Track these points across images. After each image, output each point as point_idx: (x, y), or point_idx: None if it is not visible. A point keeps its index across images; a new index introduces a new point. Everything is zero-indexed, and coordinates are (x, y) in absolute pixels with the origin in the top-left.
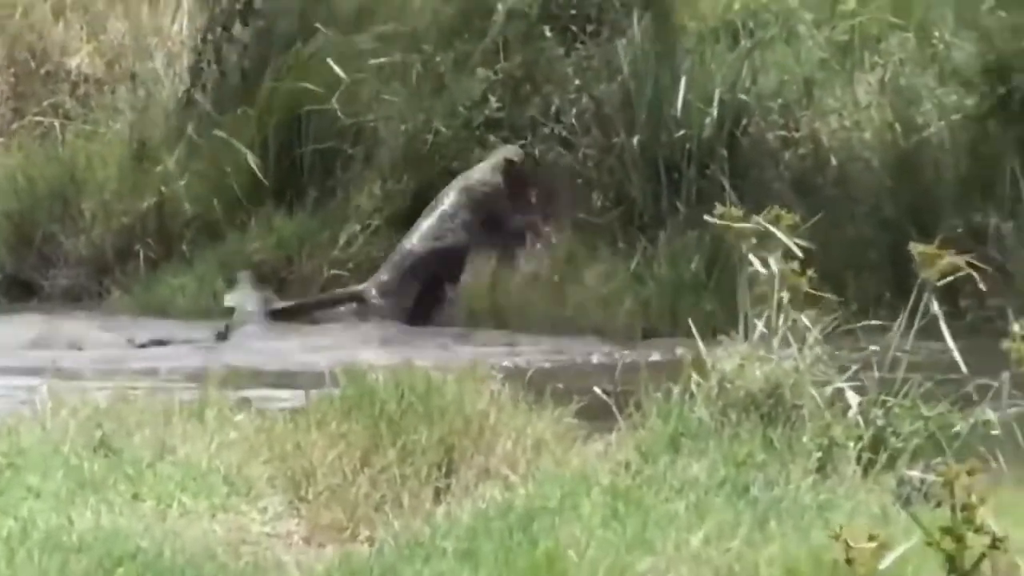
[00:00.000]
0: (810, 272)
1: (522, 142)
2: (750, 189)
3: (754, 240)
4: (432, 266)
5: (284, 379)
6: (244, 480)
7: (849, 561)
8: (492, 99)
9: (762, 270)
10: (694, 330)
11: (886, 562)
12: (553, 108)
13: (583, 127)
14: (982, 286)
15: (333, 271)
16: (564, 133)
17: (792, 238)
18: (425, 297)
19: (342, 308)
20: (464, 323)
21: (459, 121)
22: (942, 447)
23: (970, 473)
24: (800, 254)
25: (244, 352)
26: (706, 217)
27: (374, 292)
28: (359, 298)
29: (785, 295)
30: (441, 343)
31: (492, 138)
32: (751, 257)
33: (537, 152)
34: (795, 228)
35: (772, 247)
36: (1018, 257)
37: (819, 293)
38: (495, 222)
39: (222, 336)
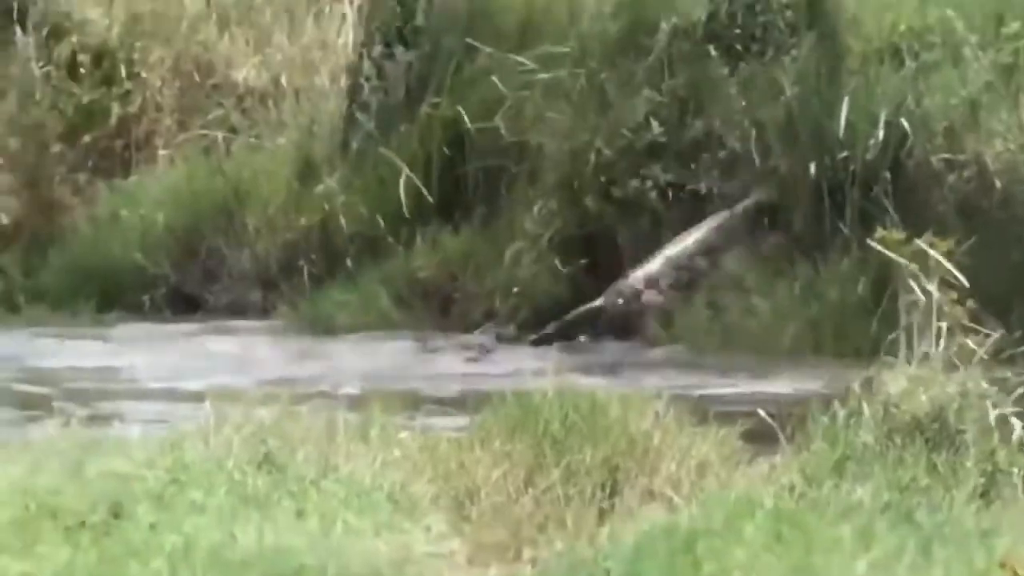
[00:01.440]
0: (969, 302)
1: (686, 172)
2: (913, 212)
3: (915, 265)
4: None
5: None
6: (408, 499)
7: None
8: (655, 123)
9: (920, 297)
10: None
11: None
12: (717, 132)
13: (746, 151)
14: None
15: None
16: (727, 156)
17: (951, 264)
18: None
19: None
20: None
21: (623, 143)
22: None
23: None
24: (962, 281)
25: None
26: (868, 240)
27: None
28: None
29: (944, 323)
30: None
31: (653, 164)
32: (912, 284)
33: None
34: (952, 253)
35: (935, 271)
36: None
37: (975, 325)
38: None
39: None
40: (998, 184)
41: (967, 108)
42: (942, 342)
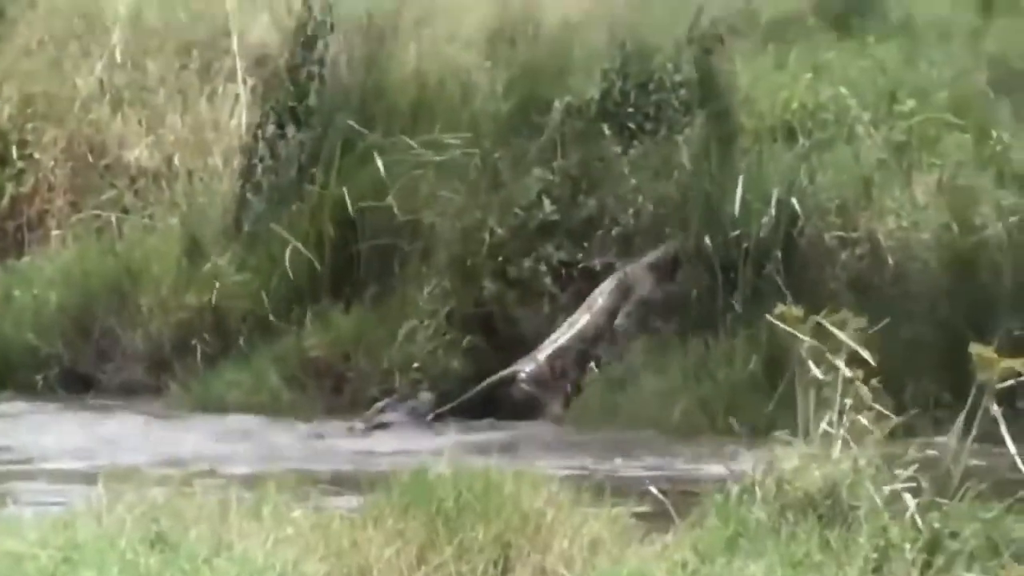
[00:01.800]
0: (874, 381)
1: (579, 251)
2: (806, 289)
3: (816, 342)
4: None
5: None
6: None
7: None
8: (547, 202)
9: (820, 376)
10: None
11: None
12: (609, 211)
13: (638, 228)
14: None
15: (391, 368)
16: (620, 233)
17: (852, 341)
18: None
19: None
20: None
21: (515, 221)
22: (999, 550)
23: None
24: (871, 361)
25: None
26: (767, 316)
27: (524, 378)
28: (510, 382)
29: (848, 400)
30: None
31: (546, 243)
32: (810, 363)
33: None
34: (863, 331)
35: (830, 348)
36: None
37: (877, 406)
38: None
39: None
40: (891, 261)
41: (860, 185)
42: (844, 419)
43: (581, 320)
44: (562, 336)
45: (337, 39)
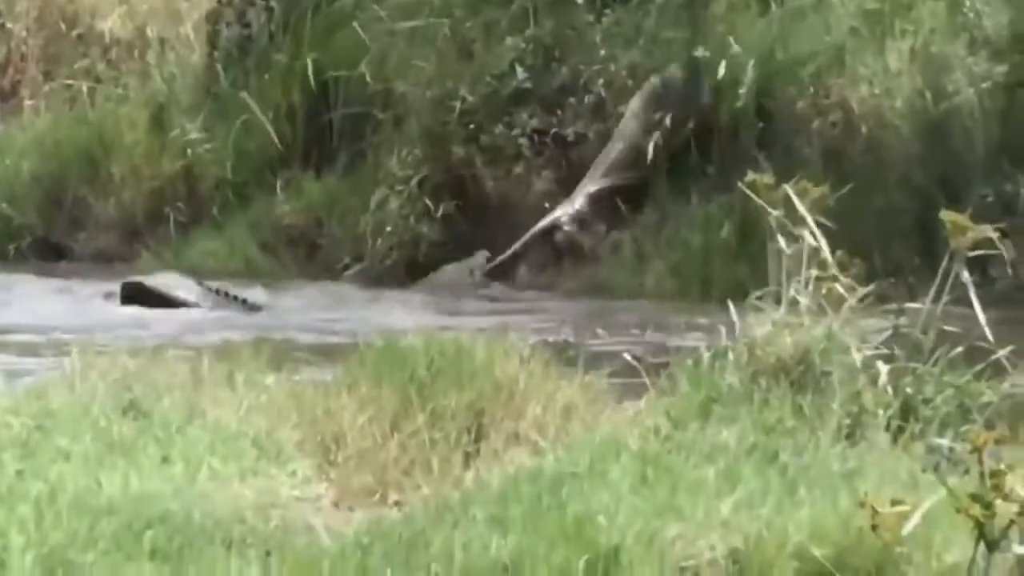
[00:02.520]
0: (839, 251)
1: (552, 117)
2: (780, 155)
3: (784, 210)
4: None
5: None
6: (273, 444)
7: (875, 527)
8: (519, 70)
9: (783, 247)
10: (724, 297)
11: (909, 526)
12: (582, 80)
13: (612, 97)
14: (1012, 255)
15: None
16: (593, 102)
17: (820, 211)
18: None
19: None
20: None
21: (488, 90)
22: (971, 415)
23: (998, 441)
24: (825, 231)
25: None
26: (738, 183)
27: (567, 223)
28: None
29: (814, 270)
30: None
31: (519, 110)
32: (777, 233)
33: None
34: (824, 198)
35: (799, 216)
36: None
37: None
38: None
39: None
40: (864, 128)
41: (833, 53)
42: (810, 287)
43: (614, 150)
44: (597, 173)
45: None
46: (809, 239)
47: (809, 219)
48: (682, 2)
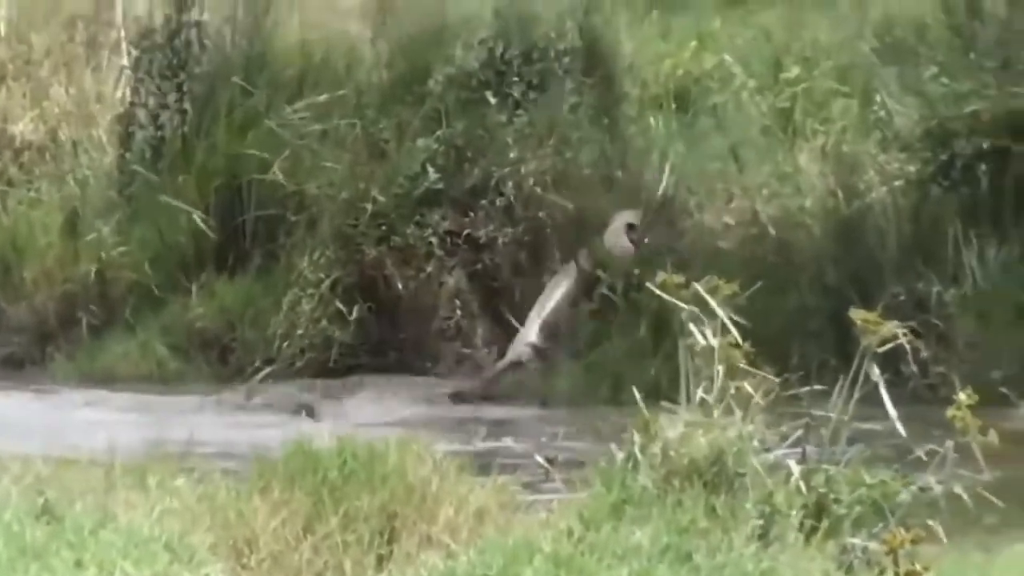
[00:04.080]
0: (746, 345)
1: (464, 218)
2: (693, 256)
3: (695, 308)
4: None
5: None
6: (186, 548)
7: None
8: (431, 171)
9: (701, 341)
10: (638, 397)
11: None
12: (494, 180)
13: (523, 198)
14: (924, 353)
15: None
16: (504, 204)
17: (731, 308)
18: None
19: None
20: None
21: (400, 191)
22: (884, 515)
23: (913, 541)
24: (733, 327)
25: None
26: (648, 284)
27: (530, 359)
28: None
29: (722, 367)
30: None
31: (431, 212)
32: (690, 327)
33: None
34: (733, 297)
35: (712, 315)
36: (960, 324)
37: (753, 368)
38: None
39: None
40: (772, 231)
41: (745, 153)
42: (718, 386)
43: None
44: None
45: (220, 6)
46: (709, 337)
47: (721, 313)
48: (595, 104)
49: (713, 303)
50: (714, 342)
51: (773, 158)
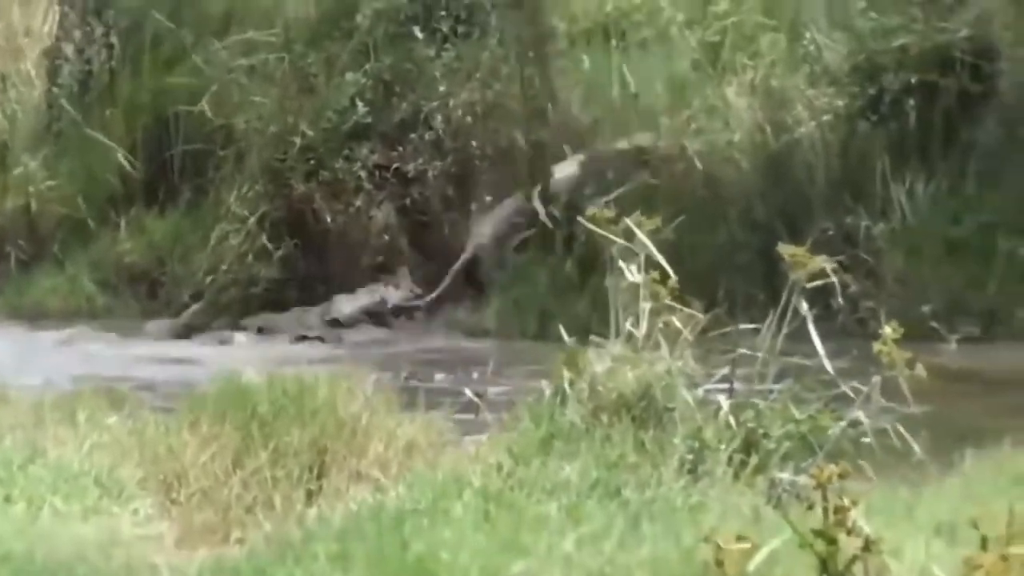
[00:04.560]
0: (672, 280)
1: (393, 152)
2: (623, 191)
3: (623, 242)
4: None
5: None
6: (115, 482)
7: (719, 562)
8: (360, 105)
9: (629, 277)
10: (563, 333)
11: (755, 562)
12: (423, 114)
13: (451, 131)
14: (853, 288)
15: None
16: (432, 138)
17: (658, 242)
18: None
19: None
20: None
21: (328, 125)
22: (813, 449)
23: (841, 475)
24: (661, 261)
25: None
26: (578, 219)
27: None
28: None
29: (649, 302)
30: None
31: (360, 146)
32: (620, 264)
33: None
34: (657, 231)
35: (641, 250)
36: (889, 259)
37: (679, 304)
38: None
39: None
40: (699, 166)
41: (673, 88)
42: (645, 321)
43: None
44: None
45: None
46: (632, 272)
47: (650, 247)
48: (522, 37)
49: (642, 236)
50: (638, 278)
51: (701, 92)
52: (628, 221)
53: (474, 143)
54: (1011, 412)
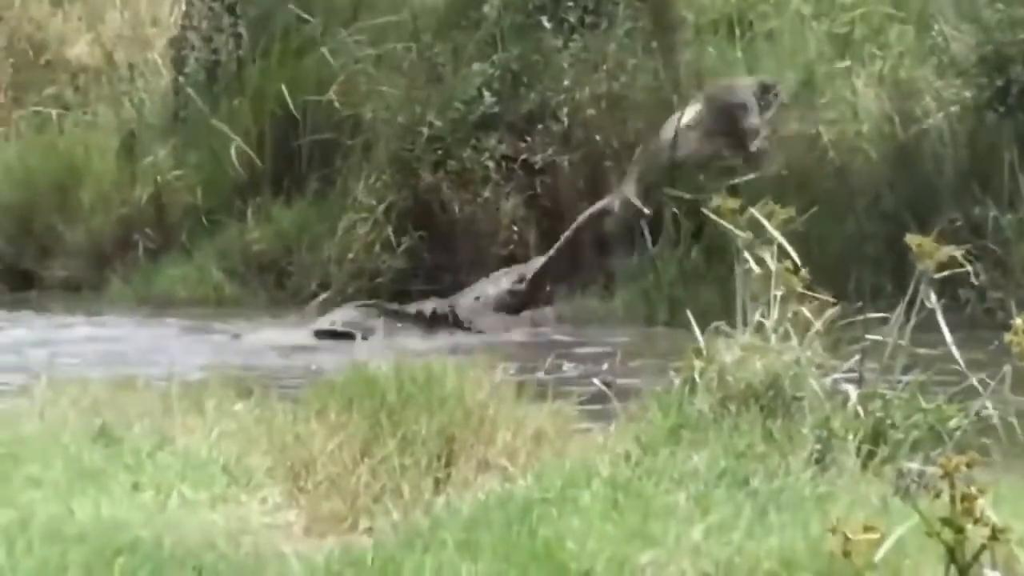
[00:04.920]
0: (803, 271)
1: (521, 143)
2: (750, 180)
3: (750, 233)
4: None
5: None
6: (244, 470)
7: (847, 552)
8: (487, 95)
9: (756, 268)
10: (692, 321)
11: (881, 552)
12: (550, 106)
13: (579, 123)
14: (980, 278)
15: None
16: (560, 130)
17: (787, 233)
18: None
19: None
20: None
21: (456, 115)
22: (942, 439)
23: (969, 465)
24: (792, 253)
25: None
26: (703, 209)
27: (617, 205)
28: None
29: (779, 292)
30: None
31: (487, 136)
32: (746, 255)
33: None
34: (790, 222)
35: (769, 239)
36: (1017, 249)
37: (811, 292)
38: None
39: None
40: (832, 153)
41: (802, 78)
42: (775, 311)
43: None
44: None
45: None
46: (770, 261)
47: (780, 237)
48: (649, 28)
49: (770, 228)
50: (773, 265)
51: (831, 83)
52: (754, 211)
53: (598, 136)
54: None
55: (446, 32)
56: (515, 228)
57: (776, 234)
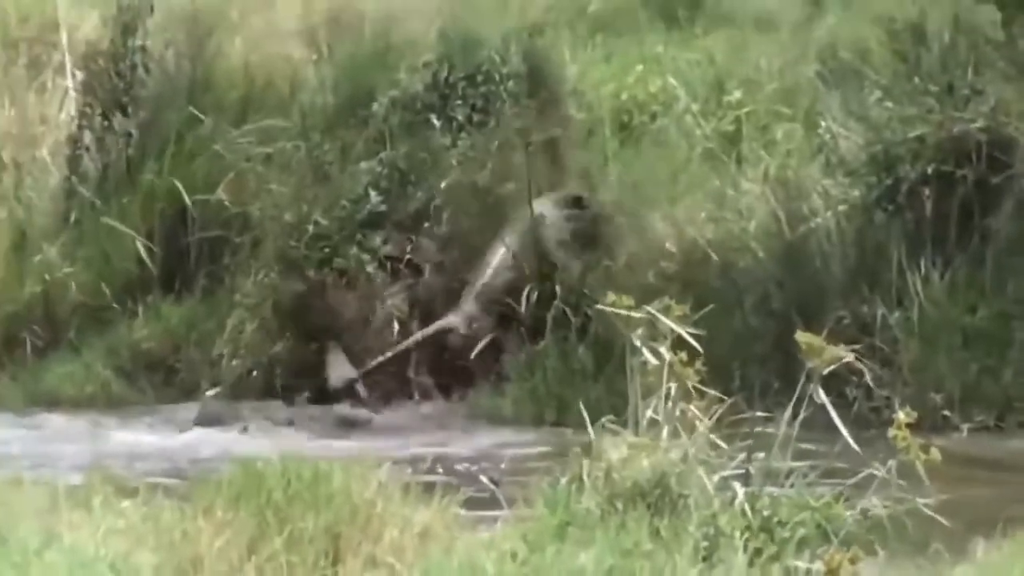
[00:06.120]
0: (698, 363)
1: (407, 239)
2: (637, 279)
3: (642, 330)
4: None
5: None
6: (131, 568)
7: None
8: (374, 194)
9: (652, 360)
10: (586, 419)
11: None
12: (436, 203)
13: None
14: (868, 376)
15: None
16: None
17: (676, 325)
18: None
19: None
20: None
21: (342, 213)
22: (828, 536)
23: (852, 561)
24: (694, 344)
25: None
26: (597, 306)
27: (462, 326)
28: (447, 332)
29: (673, 385)
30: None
31: (373, 234)
32: (641, 347)
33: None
34: (684, 319)
35: (659, 337)
36: (905, 348)
37: (704, 388)
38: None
39: None
40: (714, 256)
41: (688, 177)
42: (666, 406)
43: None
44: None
45: (163, 30)
46: (666, 353)
47: (678, 327)
48: (537, 127)
49: (669, 321)
50: (668, 355)
51: (715, 181)
52: (650, 309)
53: (477, 238)
54: None
55: (334, 130)
56: (396, 326)
57: (673, 324)
